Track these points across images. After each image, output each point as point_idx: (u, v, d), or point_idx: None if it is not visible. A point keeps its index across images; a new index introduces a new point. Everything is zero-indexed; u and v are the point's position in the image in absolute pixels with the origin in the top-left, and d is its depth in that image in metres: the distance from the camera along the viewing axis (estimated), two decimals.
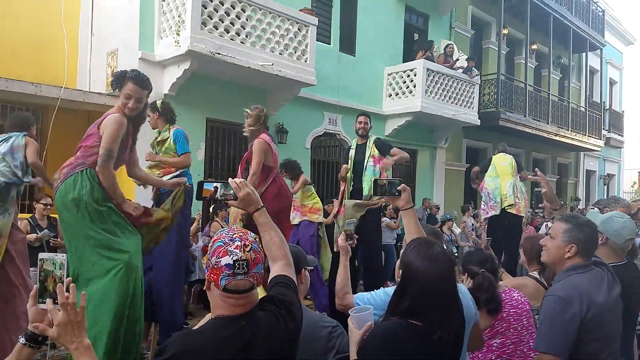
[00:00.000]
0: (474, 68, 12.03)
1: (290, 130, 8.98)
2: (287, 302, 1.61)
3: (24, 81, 6.65)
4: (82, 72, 8.32)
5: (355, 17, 10.56)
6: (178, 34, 7.06)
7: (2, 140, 3.96)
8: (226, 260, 1.44)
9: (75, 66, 8.22)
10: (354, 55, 10.51)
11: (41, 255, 1.50)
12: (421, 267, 1.64)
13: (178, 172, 4.29)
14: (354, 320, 1.80)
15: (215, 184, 1.88)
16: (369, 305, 2.12)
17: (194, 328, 1.57)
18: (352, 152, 5.51)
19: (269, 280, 1.71)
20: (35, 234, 5.35)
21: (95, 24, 8.33)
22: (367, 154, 5.33)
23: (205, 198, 1.90)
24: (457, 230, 10.33)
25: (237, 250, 1.46)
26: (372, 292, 2.26)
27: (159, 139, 4.49)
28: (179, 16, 7.11)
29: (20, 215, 6.57)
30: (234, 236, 1.50)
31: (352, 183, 5.42)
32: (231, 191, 1.84)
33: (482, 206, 7.11)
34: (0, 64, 7.06)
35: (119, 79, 3.13)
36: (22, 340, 1.48)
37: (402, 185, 2.16)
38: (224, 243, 1.47)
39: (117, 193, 3.09)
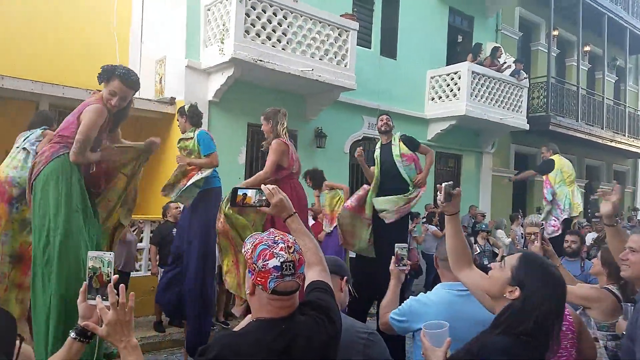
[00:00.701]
0: (522, 71, 11.67)
1: (328, 135, 9.04)
2: (326, 308, 1.61)
3: (79, 88, 7.04)
4: None
5: (397, 21, 10.50)
6: (222, 42, 7.29)
7: (26, 137, 4.04)
8: (274, 262, 1.44)
9: None
10: (395, 59, 10.45)
11: (90, 253, 1.59)
12: (547, 292, 1.64)
13: (202, 175, 4.31)
14: (430, 337, 1.75)
15: (249, 190, 1.88)
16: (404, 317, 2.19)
17: (235, 329, 1.59)
18: (377, 152, 5.36)
19: (305, 286, 1.70)
20: None
21: (145, 33, 8.73)
22: (396, 153, 5.16)
23: (240, 204, 1.89)
24: (507, 240, 10.00)
25: (283, 252, 1.46)
26: (404, 304, 2.27)
27: (182, 139, 4.55)
28: (223, 25, 7.35)
29: None
30: (276, 238, 1.51)
31: (379, 183, 5.22)
32: (264, 197, 1.84)
33: (552, 221, 6.55)
34: (58, 72, 7.53)
35: (107, 74, 3.05)
36: (72, 334, 1.55)
37: (458, 189, 2.06)
38: (268, 246, 1.47)
39: (91, 159, 3.07)
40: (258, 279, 1.46)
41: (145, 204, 7.54)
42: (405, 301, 2.27)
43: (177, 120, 4.87)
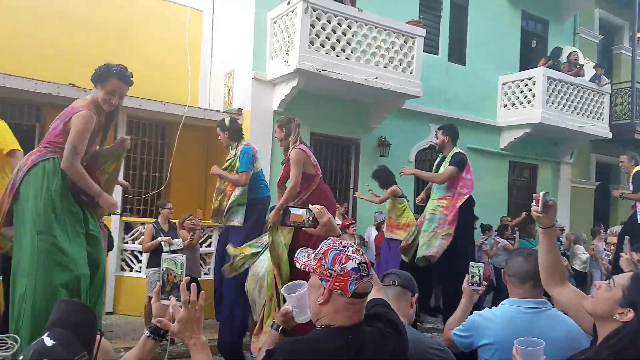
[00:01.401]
0: (603, 76, 10.89)
1: (393, 143, 8.90)
2: (393, 321, 1.59)
3: (154, 100, 7.45)
4: (202, 91, 9.12)
5: (465, 26, 10.21)
6: (287, 54, 7.43)
7: None
8: (351, 264, 1.45)
9: (197, 86, 9.04)
10: (464, 65, 10.15)
11: (164, 255, 1.68)
12: None
13: (235, 195, 4.41)
14: (523, 354, 1.70)
15: (299, 210, 1.89)
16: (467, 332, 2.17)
17: (302, 336, 1.57)
18: (436, 164, 5.50)
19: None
20: (159, 238, 5.86)
21: (215, 48, 9.11)
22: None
23: (290, 224, 1.90)
24: (584, 256, 9.32)
25: (356, 255, 1.47)
26: (467, 319, 2.23)
27: (229, 157, 4.71)
28: (288, 37, 7.50)
29: (143, 219, 7.36)
30: (343, 243, 1.52)
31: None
32: (311, 217, 1.84)
33: None
34: (134, 86, 7.98)
35: (104, 74, 3.08)
36: (146, 332, 1.62)
37: (552, 199, 1.95)
38: (339, 250, 1.48)
39: (91, 186, 3.01)
40: (336, 283, 1.45)
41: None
42: (468, 317, 2.24)
43: (219, 134, 4.97)
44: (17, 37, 7.61)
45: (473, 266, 2.50)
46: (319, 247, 1.54)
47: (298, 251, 1.61)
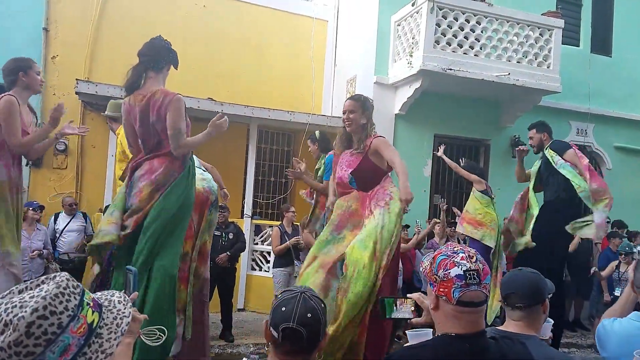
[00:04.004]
0: None
1: (527, 143, 8.21)
2: (519, 337, 1.53)
3: (281, 110, 7.77)
4: (326, 99, 9.31)
5: (611, 14, 9.22)
6: (411, 55, 7.28)
7: None
8: (456, 271, 1.41)
9: (320, 94, 9.26)
10: (610, 56, 9.17)
11: None
12: None
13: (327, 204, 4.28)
14: None
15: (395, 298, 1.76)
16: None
17: (419, 343, 1.56)
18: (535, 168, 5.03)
19: None
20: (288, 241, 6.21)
21: (338, 55, 9.27)
22: (554, 160, 4.68)
23: (392, 318, 1.75)
24: None
25: (464, 261, 1.42)
26: (600, 324, 2.05)
27: (317, 167, 4.85)
28: (412, 38, 7.36)
29: (271, 222, 7.70)
30: (456, 249, 1.48)
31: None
32: (413, 308, 1.70)
33: None
34: (263, 96, 8.43)
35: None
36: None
37: None
38: (447, 256, 1.45)
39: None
40: (441, 289, 1.43)
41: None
42: (601, 322, 2.07)
43: (309, 146, 5.18)
44: None
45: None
46: (428, 255, 1.54)
47: (426, 254, 1.57)
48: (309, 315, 1.42)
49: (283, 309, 1.43)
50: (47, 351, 1.00)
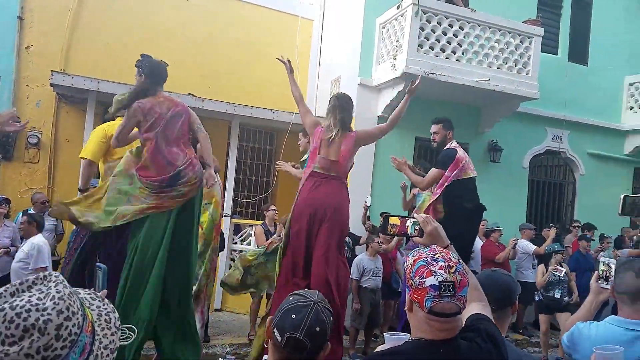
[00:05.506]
0: None
1: (505, 148, 8.44)
2: (492, 335, 1.50)
3: (264, 108, 7.71)
4: (310, 98, 9.28)
5: (588, 23, 9.45)
6: (394, 58, 7.31)
7: None
8: (431, 281, 1.37)
9: (305, 94, 9.20)
10: (586, 65, 9.41)
11: None
12: None
13: None
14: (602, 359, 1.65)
15: (405, 219, 1.82)
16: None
17: (391, 348, 1.54)
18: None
19: (464, 319, 1.59)
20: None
21: (323, 55, 9.24)
22: None
23: (390, 234, 1.86)
24: None
25: (442, 271, 1.38)
26: (573, 327, 2.09)
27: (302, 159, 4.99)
28: (396, 41, 7.39)
29: (252, 222, 7.63)
30: (437, 256, 1.43)
31: None
32: (418, 227, 1.76)
33: None
34: (245, 94, 8.35)
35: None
36: None
37: None
38: (426, 263, 1.41)
39: None
40: (415, 295, 1.41)
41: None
42: (574, 326, 2.09)
43: (299, 139, 5.27)
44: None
45: (603, 262, 2.24)
46: (413, 253, 1.49)
47: (414, 250, 1.52)
48: (318, 329, 1.40)
49: (293, 316, 1.40)
50: (71, 352, 0.99)
